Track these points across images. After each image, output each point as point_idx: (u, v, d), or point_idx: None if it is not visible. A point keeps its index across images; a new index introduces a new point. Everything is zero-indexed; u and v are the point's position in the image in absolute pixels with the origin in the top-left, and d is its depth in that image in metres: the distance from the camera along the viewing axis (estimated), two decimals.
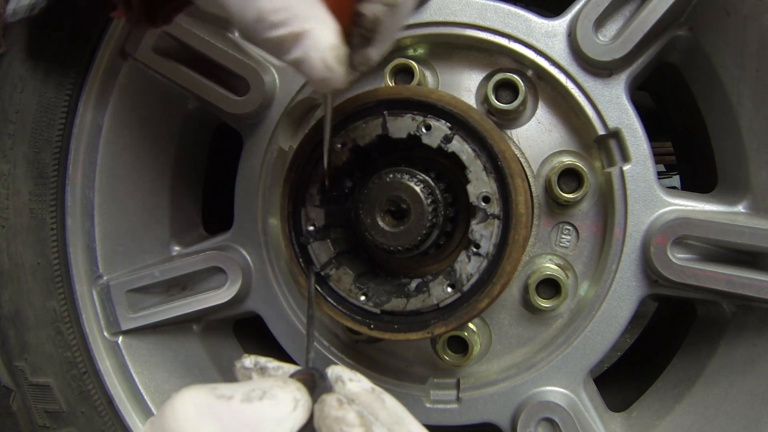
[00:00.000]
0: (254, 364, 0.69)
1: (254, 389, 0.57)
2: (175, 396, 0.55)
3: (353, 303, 1.00)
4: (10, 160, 1.21)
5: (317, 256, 1.00)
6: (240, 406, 0.55)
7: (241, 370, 0.69)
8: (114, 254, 1.27)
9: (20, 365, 1.25)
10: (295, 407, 0.57)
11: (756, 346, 1.05)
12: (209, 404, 0.54)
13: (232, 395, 0.55)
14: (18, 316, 1.24)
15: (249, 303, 1.24)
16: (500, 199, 0.94)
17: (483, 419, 1.13)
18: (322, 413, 0.58)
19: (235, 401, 0.55)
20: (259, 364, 0.69)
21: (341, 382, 0.64)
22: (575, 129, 1.09)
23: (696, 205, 1.04)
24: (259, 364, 0.69)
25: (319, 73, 0.66)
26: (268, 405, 0.56)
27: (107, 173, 1.24)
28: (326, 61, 0.65)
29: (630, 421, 1.16)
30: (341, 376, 0.64)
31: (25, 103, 1.19)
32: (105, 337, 1.26)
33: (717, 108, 1.08)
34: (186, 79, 1.17)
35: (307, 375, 0.63)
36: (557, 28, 1.05)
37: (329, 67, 0.66)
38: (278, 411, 0.56)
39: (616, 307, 1.06)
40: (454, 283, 0.96)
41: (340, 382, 0.64)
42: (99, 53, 1.18)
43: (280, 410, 0.56)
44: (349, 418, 0.57)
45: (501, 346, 1.15)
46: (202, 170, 1.41)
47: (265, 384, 0.58)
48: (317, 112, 1.18)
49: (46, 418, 1.26)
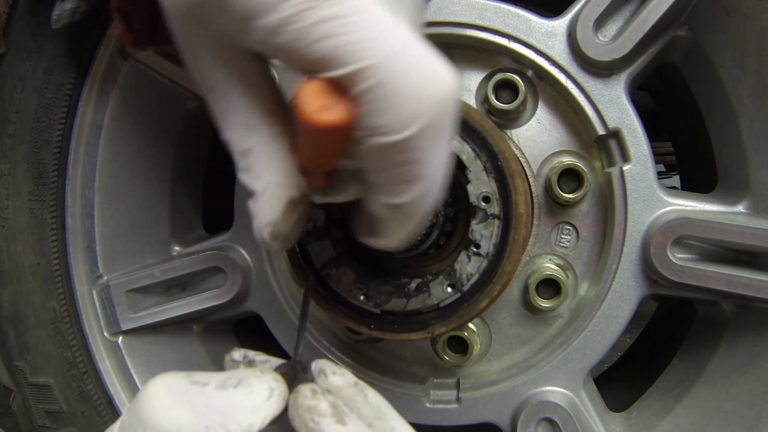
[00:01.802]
0: (243, 357, 0.69)
1: (230, 377, 0.56)
2: (150, 381, 0.55)
3: (353, 303, 1.00)
4: (10, 160, 1.21)
5: (317, 256, 0.99)
6: (214, 393, 0.54)
7: (230, 363, 0.69)
8: (114, 254, 1.27)
9: (20, 365, 1.25)
10: (270, 396, 0.57)
11: (756, 346, 1.05)
12: (183, 389, 0.54)
13: (208, 382, 0.55)
14: (18, 316, 1.24)
15: (249, 303, 1.24)
16: (500, 199, 0.94)
17: (483, 419, 1.13)
18: (296, 402, 0.58)
19: (209, 388, 0.55)
20: (247, 357, 0.69)
21: (324, 375, 0.63)
22: (575, 129, 1.10)
23: (696, 205, 1.04)
24: (247, 357, 0.69)
25: (257, 239, 0.63)
26: (243, 393, 0.55)
27: (107, 173, 1.24)
28: (261, 233, 0.62)
29: (630, 421, 1.16)
30: (324, 369, 0.64)
31: (25, 103, 1.19)
32: (105, 337, 1.26)
33: (717, 108, 1.08)
34: (186, 79, 1.17)
35: (289, 368, 0.63)
36: (557, 28, 1.05)
37: (262, 239, 0.62)
38: (252, 399, 0.56)
39: (616, 307, 1.06)
40: (454, 283, 0.96)
41: (322, 375, 0.63)
42: (99, 53, 1.18)
43: (254, 398, 0.56)
44: (321, 407, 0.56)
45: (501, 346, 1.15)
46: (202, 170, 1.41)
47: (242, 373, 0.58)
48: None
49: (46, 418, 1.26)
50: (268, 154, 0.58)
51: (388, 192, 0.53)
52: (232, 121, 0.59)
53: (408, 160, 0.48)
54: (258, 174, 0.59)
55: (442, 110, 0.47)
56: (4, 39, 1.18)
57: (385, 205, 0.54)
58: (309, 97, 0.46)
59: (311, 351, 1.21)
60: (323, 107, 0.46)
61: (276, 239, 0.62)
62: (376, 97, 0.45)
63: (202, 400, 0.54)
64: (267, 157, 0.59)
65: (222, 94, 0.59)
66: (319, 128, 0.47)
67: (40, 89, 1.18)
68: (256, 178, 0.59)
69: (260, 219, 0.61)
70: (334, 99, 0.47)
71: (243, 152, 0.60)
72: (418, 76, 0.45)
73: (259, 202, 0.60)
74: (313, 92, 0.47)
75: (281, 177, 0.59)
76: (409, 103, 0.45)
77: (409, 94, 0.45)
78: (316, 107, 0.46)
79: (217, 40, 0.56)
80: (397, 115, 0.45)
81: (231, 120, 0.59)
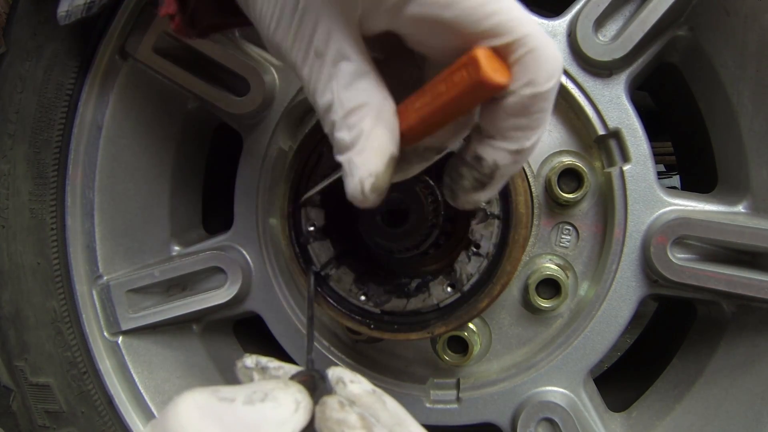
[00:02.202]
0: (255, 364, 0.69)
1: (256, 391, 0.57)
2: (177, 399, 0.55)
3: (353, 303, 1.00)
4: (10, 160, 1.21)
5: (317, 256, 0.99)
6: (242, 408, 0.55)
7: (242, 370, 0.69)
8: (114, 254, 1.27)
9: (20, 365, 1.25)
10: (297, 409, 0.57)
11: (756, 346, 1.05)
12: (212, 406, 0.54)
13: (234, 397, 0.55)
14: (18, 316, 1.24)
15: (249, 303, 1.24)
16: (500, 199, 0.94)
17: (483, 419, 1.14)
18: (324, 415, 0.58)
19: (237, 403, 0.55)
20: (260, 363, 0.69)
21: (342, 384, 0.64)
22: (575, 129, 1.10)
23: (696, 205, 1.04)
24: (260, 364, 0.69)
25: (351, 191, 0.65)
26: (270, 407, 0.56)
27: (107, 173, 1.24)
28: (362, 185, 0.64)
29: (630, 421, 1.16)
30: (342, 377, 0.64)
31: (25, 103, 1.19)
32: (105, 337, 1.26)
33: (717, 108, 1.08)
34: (186, 79, 1.17)
35: (308, 376, 0.63)
36: (557, 28, 1.05)
37: (362, 192, 0.65)
38: (280, 413, 0.56)
39: (616, 307, 1.06)
40: (454, 283, 0.96)
41: (341, 384, 0.64)
42: (99, 53, 1.18)
43: (281, 412, 0.56)
44: (351, 420, 0.57)
45: (501, 346, 1.15)
46: (202, 170, 1.41)
47: (266, 386, 0.58)
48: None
49: (46, 418, 1.26)
50: (379, 107, 0.64)
51: (518, 139, 0.63)
52: (344, 72, 0.64)
53: (543, 108, 0.61)
54: (364, 129, 0.63)
55: (561, 73, 0.61)
56: (4, 39, 1.18)
57: (511, 151, 0.64)
58: (486, 60, 0.56)
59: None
60: (495, 69, 0.57)
61: (374, 191, 0.65)
62: (534, 58, 0.58)
63: (231, 417, 0.54)
64: (377, 111, 0.64)
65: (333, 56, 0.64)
66: (495, 86, 0.57)
67: (40, 89, 1.18)
68: (362, 132, 0.64)
69: (364, 169, 0.64)
70: (501, 63, 0.58)
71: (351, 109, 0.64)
72: (552, 46, 0.60)
73: (364, 154, 0.64)
74: (487, 56, 0.57)
75: (388, 133, 0.64)
76: (552, 64, 0.59)
77: (551, 57, 0.59)
78: (491, 69, 0.56)
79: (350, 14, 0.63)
80: (546, 72, 0.59)
81: (342, 72, 0.64)
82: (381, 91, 0.65)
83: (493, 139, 0.64)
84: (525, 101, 0.60)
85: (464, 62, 0.58)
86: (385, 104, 0.65)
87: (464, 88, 0.59)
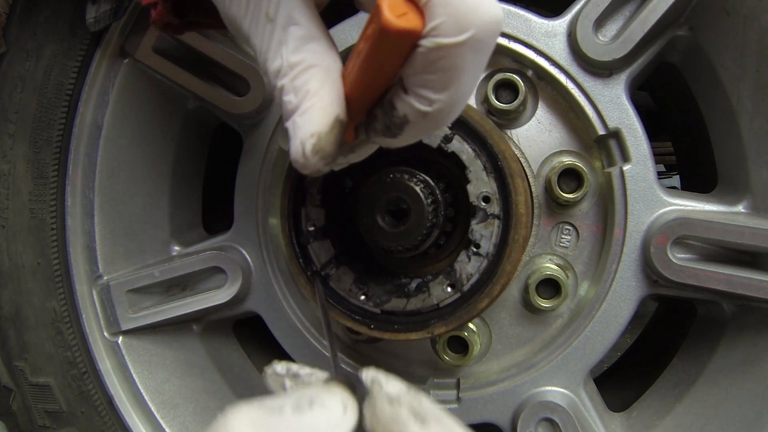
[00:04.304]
0: (286, 371, 0.69)
1: (302, 398, 0.56)
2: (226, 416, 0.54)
3: (353, 303, 1.00)
4: (10, 160, 1.21)
5: (317, 255, 1.00)
6: (292, 417, 0.54)
7: (273, 377, 0.69)
8: (114, 254, 1.27)
9: (20, 365, 1.25)
10: (345, 411, 0.57)
11: (756, 346, 1.05)
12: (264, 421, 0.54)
13: (282, 407, 0.55)
14: (18, 316, 1.24)
15: (249, 303, 1.24)
16: (500, 199, 0.94)
17: (483, 419, 1.13)
18: (375, 414, 0.58)
19: (286, 413, 0.55)
20: (291, 370, 0.69)
21: (379, 384, 0.64)
22: (575, 129, 1.10)
23: (696, 205, 1.04)
24: (291, 371, 0.69)
25: (293, 154, 0.64)
26: (319, 412, 0.56)
27: (107, 173, 1.24)
28: (303, 147, 0.63)
29: (630, 421, 1.16)
30: (377, 378, 0.64)
31: (25, 103, 1.19)
32: (105, 337, 1.26)
33: (717, 108, 1.08)
34: (186, 79, 1.17)
35: (344, 379, 0.64)
36: (557, 28, 1.05)
37: (303, 154, 0.64)
38: (330, 417, 0.56)
39: (616, 307, 1.06)
40: (454, 283, 0.96)
41: (377, 384, 0.64)
42: (99, 53, 1.18)
43: (331, 415, 0.56)
44: (403, 415, 0.57)
45: (501, 346, 1.15)
46: (202, 170, 1.41)
47: (310, 392, 0.58)
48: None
49: (46, 418, 1.26)
50: (326, 69, 0.63)
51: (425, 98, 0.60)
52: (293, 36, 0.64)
53: (453, 65, 0.57)
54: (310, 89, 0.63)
55: (489, 29, 0.56)
56: (4, 39, 1.18)
57: (418, 111, 0.61)
58: (391, 6, 0.54)
59: (312, 352, 1.21)
60: (401, 15, 0.55)
61: (317, 153, 0.64)
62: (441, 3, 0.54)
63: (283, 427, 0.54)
64: (324, 73, 0.63)
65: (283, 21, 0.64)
66: (399, 32, 0.55)
67: (40, 89, 1.18)
68: (307, 93, 0.63)
69: (305, 129, 0.63)
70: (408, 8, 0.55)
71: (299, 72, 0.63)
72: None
73: (307, 115, 0.63)
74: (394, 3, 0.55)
75: (334, 94, 0.63)
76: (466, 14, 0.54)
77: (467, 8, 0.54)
78: (397, 14, 0.54)
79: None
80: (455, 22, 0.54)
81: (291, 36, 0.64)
82: (331, 54, 0.65)
83: (404, 92, 0.62)
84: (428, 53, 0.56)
85: (373, 13, 0.56)
86: (333, 67, 0.64)
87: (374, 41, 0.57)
